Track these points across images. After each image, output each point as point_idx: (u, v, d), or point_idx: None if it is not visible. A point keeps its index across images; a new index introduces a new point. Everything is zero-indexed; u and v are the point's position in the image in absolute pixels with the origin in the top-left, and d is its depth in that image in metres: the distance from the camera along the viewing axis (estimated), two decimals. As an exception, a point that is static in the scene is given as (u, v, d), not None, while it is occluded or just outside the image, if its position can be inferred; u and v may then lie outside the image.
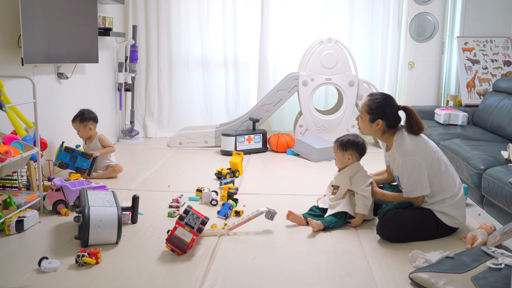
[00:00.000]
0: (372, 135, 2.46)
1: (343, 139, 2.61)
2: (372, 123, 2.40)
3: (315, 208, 2.65)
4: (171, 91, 5.16)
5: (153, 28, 5.02)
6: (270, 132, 4.88)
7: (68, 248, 2.22)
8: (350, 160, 2.58)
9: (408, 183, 2.32)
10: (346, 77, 4.51)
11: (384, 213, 2.35)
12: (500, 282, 1.76)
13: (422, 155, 2.29)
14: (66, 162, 3.30)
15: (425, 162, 2.29)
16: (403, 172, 2.32)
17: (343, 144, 2.59)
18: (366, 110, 2.41)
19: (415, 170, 2.28)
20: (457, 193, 2.35)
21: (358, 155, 2.60)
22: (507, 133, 3.64)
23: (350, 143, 2.58)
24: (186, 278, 1.95)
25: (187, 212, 2.21)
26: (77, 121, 3.50)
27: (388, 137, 2.43)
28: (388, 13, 4.99)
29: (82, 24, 3.70)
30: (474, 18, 4.78)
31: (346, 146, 2.58)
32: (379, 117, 2.38)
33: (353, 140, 2.60)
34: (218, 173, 3.45)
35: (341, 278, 1.97)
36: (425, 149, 2.32)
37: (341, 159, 2.61)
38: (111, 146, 3.53)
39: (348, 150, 2.58)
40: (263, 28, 4.89)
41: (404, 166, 2.30)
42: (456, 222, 2.35)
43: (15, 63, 3.08)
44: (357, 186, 2.54)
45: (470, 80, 4.61)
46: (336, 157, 2.64)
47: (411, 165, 2.28)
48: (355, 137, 2.61)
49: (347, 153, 2.58)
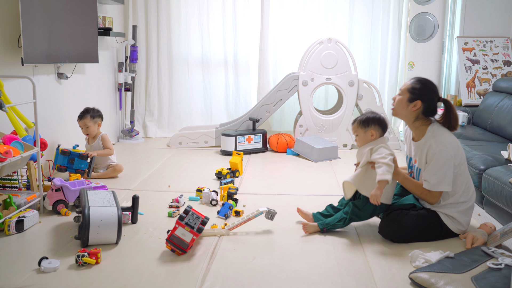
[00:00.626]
0: (405, 118, 2.37)
1: (362, 117, 2.45)
2: (410, 103, 2.32)
3: (329, 208, 2.59)
4: (171, 91, 5.16)
5: (153, 28, 5.02)
6: (270, 132, 4.88)
7: (68, 248, 2.22)
8: (373, 136, 2.41)
9: (437, 175, 2.24)
10: (346, 77, 4.51)
11: (388, 213, 2.35)
12: (500, 282, 1.76)
13: (456, 151, 2.27)
14: (64, 164, 3.30)
15: (456, 160, 2.26)
16: (436, 162, 2.24)
17: (363, 121, 2.43)
18: (408, 88, 2.34)
19: (448, 164, 2.24)
20: (470, 199, 2.34)
21: (381, 130, 2.43)
22: (507, 133, 3.64)
23: (371, 119, 2.42)
24: (186, 278, 1.95)
25: (187, 212, 2.21)
26: (87, 117, 3.50)
27: (419, 126, 2.36)
28: (388, 13, 4.99)
29: (82, 24, 3.70)
30: (474, 18, 4.78)
31: (368, 123, 2.42)
32: (419, 98, 2.30)
33: (373, 116, 2.44)
34: (218, 173, 3.45)
35: (341, 278, 1.97)
36: (458, 147, 2.29)
37: (363, 137, 2.43)
38: (110, 148, 3.53)
39: (370, 127, 2.41)
40: (263, 28, 4.89)
41: (440, 157, 2.24)
42: (461, 228, 2.35)
43: (15, 63, 3.08)
44: (379, 154, 2.33)
45: (470, 80, 4.61)
46: (358, 137, 2.46)
47: (446, 157, 2.23)
48: (374, 113, 2.46)
49: (370, 130, 2.41)
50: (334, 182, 3.44)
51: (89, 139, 3.59)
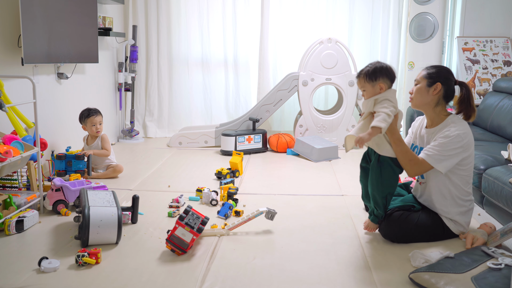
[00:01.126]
0: (427, 105, 2.29)
1: (368, 69, 2.28)
2: (430, 87, 2.26)
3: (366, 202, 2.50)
4: (171, 91, 5.16)
5: (153, 28, 5.02)
6: (270, 132, 4.89)
7: (68, 248, 2.22)
8: (382, 89, 2.25)
9: (441, 153, 2.19)
10: (346, 77, 4.51)
11: (390, 213, 2.34)
12: (500, 282, 1.76)
13: (469, 145, 2.24)
14: (63, 168, 3.30)
15: (465, 153, 2.22)
16: (447, 141, 2.18)
17: (370, 74, 2.26)
18: (424, 75, 2.30)
19: (457, 149, 2.19)
20: (471, 200, 2.35)
21: (389, 82, 2.27)
22: (507, 133, 3.64)
23: (378, 70, 2.26)
24: (186, 278, 1.95)
25: (187, 212, 2.21)
26: (100, 114, 3.54)
27: (438, 112, 2.31)
28: (388, 13, 4.99)
29: (82, 24, 3.70)
30: (474, 18, 4.78)
31: (375, 75, 2.25)
32: (438, 81, 2.26)
33: (380, 66, 2.27)
34: (218, 173, 3.45)
35: (341, 278, 1.97)
36: (472, 142, 2.27)
37: (371, 91, 2.26)
38: (107, 149, 3.52)
39: (378, 79, 2.25)
40: (263, 28, 4.89)
41: (454, 139, 2.18)
42: (461, 229, 2.35)
43: (15, 63, 3.09)
44: (380, 104, 2.20)
45: (470, 80, 4.61)
46: (366, 92, 2.29)
47: (459, 143, 2.19)
48: (380, 63, 2.30)
49: (378, 83, 2.25)
50: (334, 182, 3.44)
51: (88, 139, 3.58)
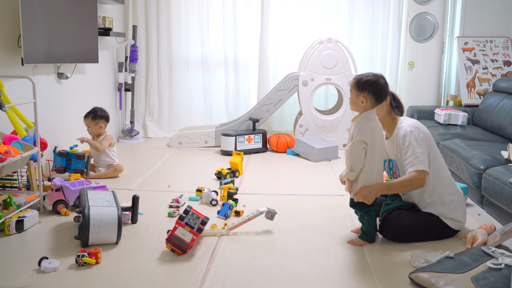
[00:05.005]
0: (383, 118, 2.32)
1: (362, 76, 2.19)
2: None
3: None
4: (171, 91, 5.16)
5: (153, 28, 5.02)
6: (270, 132, 4.88)
7: (68, 248, 2.22)
8: (363, 104, 2.17)
9: (414, 155, 2.20)
10: (346, 77, 4.51)
11: (388, 213, 2.35)
12: (500, 282, 1.76)
13: (425, 136, 2.26)
14: (63, 165, 3.31)
15: (426, 145, 2.25)
16: (409, 144, 2.22)
17: (360, 83, 2.17)
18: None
19: (421, 144, 2.22)
20: (457, 192, 2.36)
21: (374, 99, 2.16)
22: (507, 133, 3.64)
23: (370, 83, 2.15)
24: (186, 278, 1.95)
25: (187, 212, 2.21)
26: (89, 117, 3.54)
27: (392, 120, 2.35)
28: (388, 13, 4.99)
29: (82, 24, 3.70)
30: (474, 18, 4.78)
31: (363, 86, 2.16)
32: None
33: (373, 80, 2.16)
34: (218, 173, 3.45)
35: (341, 278, 1.97)
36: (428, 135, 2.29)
37: (354, 99, 2.20)
38: (101, 144, 3.49)
39: (363, 92, 2.16)
40: (263, 28, 4.89)
41: (411, 137, 2.22)
42: (460, 224, 2.35)
43: (15, 63, 3.08)
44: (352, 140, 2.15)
45: (470, 80, 4.61)
46: (350, 98, 2.24)
47: (417, 137, 2.22)
48: (376, 77, 2.18)
49: (362, 95, 2.16)
50: (334, 182, 3.44)
51: (93, 138, 3.60)
